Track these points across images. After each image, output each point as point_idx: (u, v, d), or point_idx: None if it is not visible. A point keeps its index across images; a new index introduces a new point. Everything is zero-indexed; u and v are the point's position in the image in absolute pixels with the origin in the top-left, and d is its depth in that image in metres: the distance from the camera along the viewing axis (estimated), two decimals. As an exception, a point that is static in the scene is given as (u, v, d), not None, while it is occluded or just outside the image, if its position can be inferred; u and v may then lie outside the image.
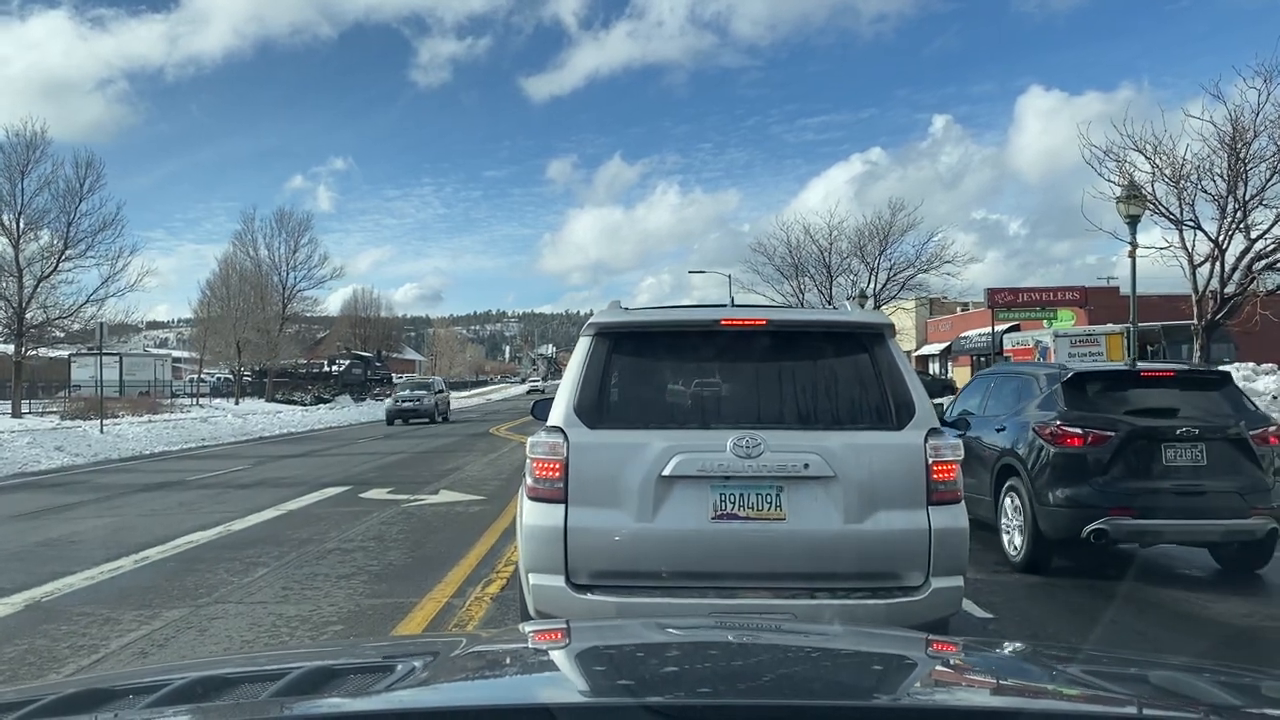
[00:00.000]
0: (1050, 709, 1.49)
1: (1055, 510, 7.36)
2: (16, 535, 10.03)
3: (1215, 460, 7.18)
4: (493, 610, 6.45)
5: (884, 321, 4.74)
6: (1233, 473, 7.19)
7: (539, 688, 1.68)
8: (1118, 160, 20.50)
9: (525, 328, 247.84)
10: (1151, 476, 7.20)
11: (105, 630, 6.06)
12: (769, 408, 4.42)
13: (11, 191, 34.24)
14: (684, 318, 4.81)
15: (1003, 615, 6.37)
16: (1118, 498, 7.15)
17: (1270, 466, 7.31)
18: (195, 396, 52.61)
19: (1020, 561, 7.72)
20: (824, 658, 1.82)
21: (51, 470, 18.32)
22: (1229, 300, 19.78)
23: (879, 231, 40.03)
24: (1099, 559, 7.98)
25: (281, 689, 1.47)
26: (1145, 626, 6.16)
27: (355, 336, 79.93)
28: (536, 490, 4.33)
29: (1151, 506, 7.12)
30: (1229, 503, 7.08)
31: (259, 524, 10.55)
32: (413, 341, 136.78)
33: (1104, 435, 7.29)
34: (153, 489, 14.45)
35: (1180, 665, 1.87)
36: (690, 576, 4.23)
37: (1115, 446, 7.25)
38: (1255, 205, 19.32)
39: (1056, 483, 7.37)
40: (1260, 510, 7.07)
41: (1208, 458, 7.18)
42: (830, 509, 4.20)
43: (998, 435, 8.24)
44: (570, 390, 4.44)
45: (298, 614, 6.42)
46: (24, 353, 34.04)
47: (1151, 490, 7.16)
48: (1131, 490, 7.16)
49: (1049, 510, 7.41)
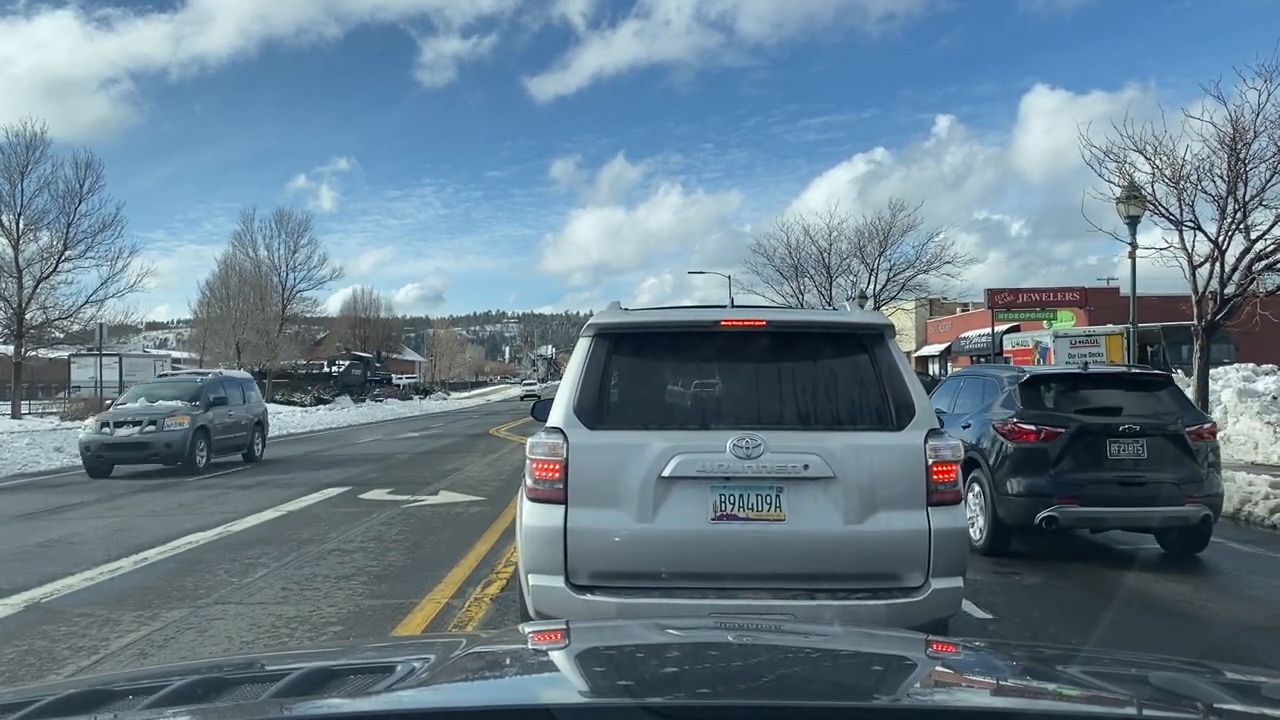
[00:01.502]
0: (1050, 709, 1.49)
1: (1012, 499, 8.14)
2: (16, 536, 10.02)
3: (1154, 454, 7.99)
4: (492, 611, 6.45)
5: (884, 322, 4.74)
6: (1170, 465, 7.99)
7: (539, 688, 1.68)
8: (1118, 161, 20.49)
9: (525, 328, 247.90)
10: (1097, 468, 7.96)
11: (105, 631, 6.06)
12: (769, 408, 4.42)
13: (11, 192, 34.26)
14: (684, 318, 4.81)
15: (1003, 616, 6.37)
16: (1067, 487, 7.91)
17: (1204, 459, 8.12)
18: (195, 397, 52.55)
19: (982, 546, 8.37)
20: (824, 658, 1.82)
21: (51, 471, 18.30)
22: (1229, 301, 19.77)
23: (879, 232, 40.02)
24: (1105, 559, 8.02)
25: (281, 690, 1.47)
26: (1146, 627, 6.17)
27: (355, 337, 79.97)
28: (536, 491, 4.33)
29: (1097, 495, 7.88)
30: (1166, 492, 7.85)
31: (259, 525, 10.54)
32: (412, 342, 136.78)
33: (1055, 431, 8.06)
34: (152, 489, 14.44)
35: (1180, 665, 1.87)
36: (690, 577, 4.23)
37: (1065, 441, 8.01)
38: (1255, 206, 19.31)
39: (1013, 474, 8.16)
40: (1195, 498, 7.88)
41: (1148, 451, 7.99)
42: (830, 510, 4.20)
43: (964, 432, 8.74)
44: (570, 391, 4.44)
45: (297, 615, 6.42)
46: (24, 353, 34.02)
47: (1097, 481, 7.92)
48: (1079, 481, 7.93)
49: (1006, 499, 8.19)
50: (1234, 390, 17.21)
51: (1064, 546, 8.98)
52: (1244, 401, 16.47)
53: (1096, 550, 8.88)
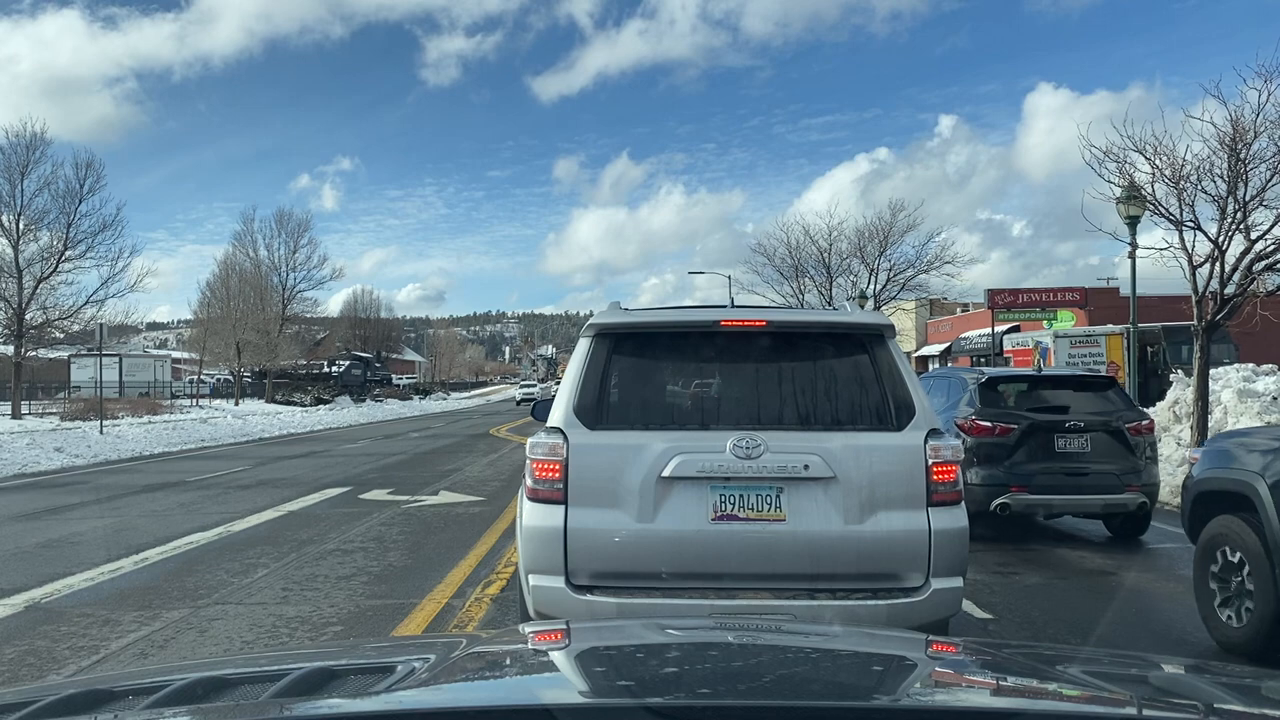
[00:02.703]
0: (1050, 709, 1.49)
1: (970, 488, 8.40)
2: (16, 536, 10.02)
3: (1098, 447, 8.95)
4: (493, 611, 6.45)
5: (884, 322, 4.73)
6: (1112, 457, 8.94)
7: (539, 688, 1.68)
8: (1118, 161, 20.48)
9: (525, 328, 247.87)
10: (1047, 460, 8.91)
11: (105, 631, 6.06)
12: (769, 409, 4.42)
13: (11, 192, 34.28)
14: (684, 318, 4.80)
15: (1003, 615, 6.37)
16: (1018, 477, 8.85)
17: (1143, 453, 9.12)
18: (195, 397, 52.67)
19: None
20: (824, 658, 1.82)
21: (51, 471, 18.30)
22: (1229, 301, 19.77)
23: (879, 232, 40.00)
24: (1105, 559, 8.01)
25: (281, 690, 1.47)
26: (1147, 627, 6.16)
27: (355, 337, 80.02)
28: (536, 491, 4.33)
29: (1045, 484, 8.84)
30: (1108, 481, 8.85)
31: (259, 525, 10.54)
32: (413, 342, 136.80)
33: (1009, 427, 9.03)
34: (153, 490, 14.45)
35: (1180, 665, 1.87)
36: (690, 577, 4.22)
37: (1018, 436, 8.97)
38: (1255, 206, 19.30)
39: (971, 465, 8.86)
40: (1133, 487, 8.86)
41: (1092, 445, 8.95)
42: (830, 510, 4.20)
43: None
44: (570, 391, 4.44)
45: (298, 615, 6.42)
46: (24, 354, 34.03)
47: (1046, 471, 8.86)
48: (1030, 471, 8.87)
49: (966, 488, 9.10)
50: (1234, 390, 17.20)
51: (1064, 547, 8.99)
52: (1244, 402, 16.46)
53: (1097, 551, 8.89)
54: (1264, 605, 5.10)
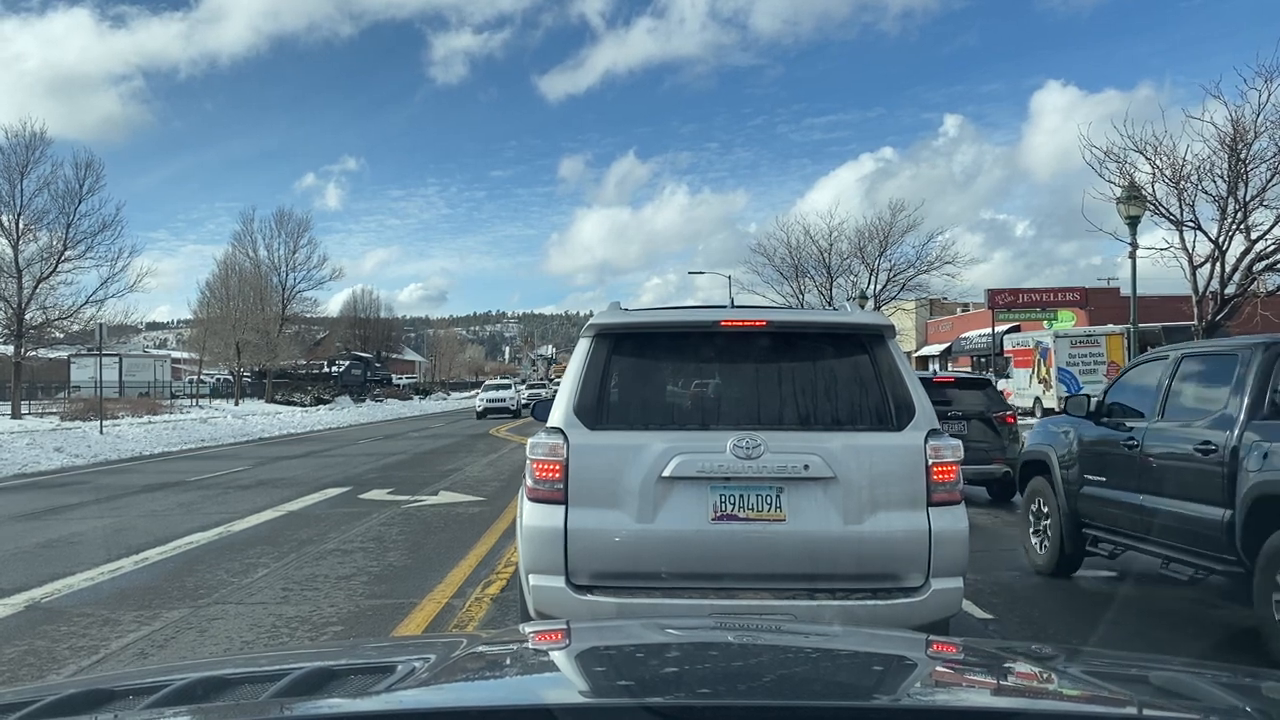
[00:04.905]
0: (1050, 709, 1.49)
1: None
2: (16, 536, 10.02)
3: (973, 431, 11.42)
4: (493, 611, 6.45)
5: (884, 322, 4.73)
6: (984, 438, 11.49)
7: (539, 688, 1.68)
8: (1118, 161, 20.48)
9: (525, 328, 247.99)
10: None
11: (105, 631, 6.06)
12: (769, 409, 4.42)
13: (11, 192, 34.29)
14: (684, 319, 4.80)
15: (1003, 616, 6.37)
16: None
17: (1006, 435, 11.75)
18: (195, 397, 52.69)
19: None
20: (824, 658, 1.82)
21: (51, 471, 18.31)
22: (1229, 301, 19.77)
23: (879, 233, 40.04)
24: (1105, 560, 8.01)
25: (281, 690, 1.47)
26: (1146, 628, 6.16)
27: (355, 337, 79.97)
28: (536, 491, 4.33)
29: None
30: (981, 456, 11.07)
31: (259, 525, 10.54)
32: (413, 342, 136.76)
33: None
34: (153, 490, 14.45)
35: (1180, 665, 1.87)
36: (690, 577, 4.22)
37: None
38: (1255, 206, 19.31)
39: None
40: (999, 460, 11.41)
41: (969, 430, 11.34)
42: (830, 510, 4.20)
43: None
44: (570, 391, 4.44)
45: (298, 615, 6.42)
46: (23, 353, 34.03)
47: None
48: None
49: None
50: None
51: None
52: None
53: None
54: (1055, 539, 7.50)
